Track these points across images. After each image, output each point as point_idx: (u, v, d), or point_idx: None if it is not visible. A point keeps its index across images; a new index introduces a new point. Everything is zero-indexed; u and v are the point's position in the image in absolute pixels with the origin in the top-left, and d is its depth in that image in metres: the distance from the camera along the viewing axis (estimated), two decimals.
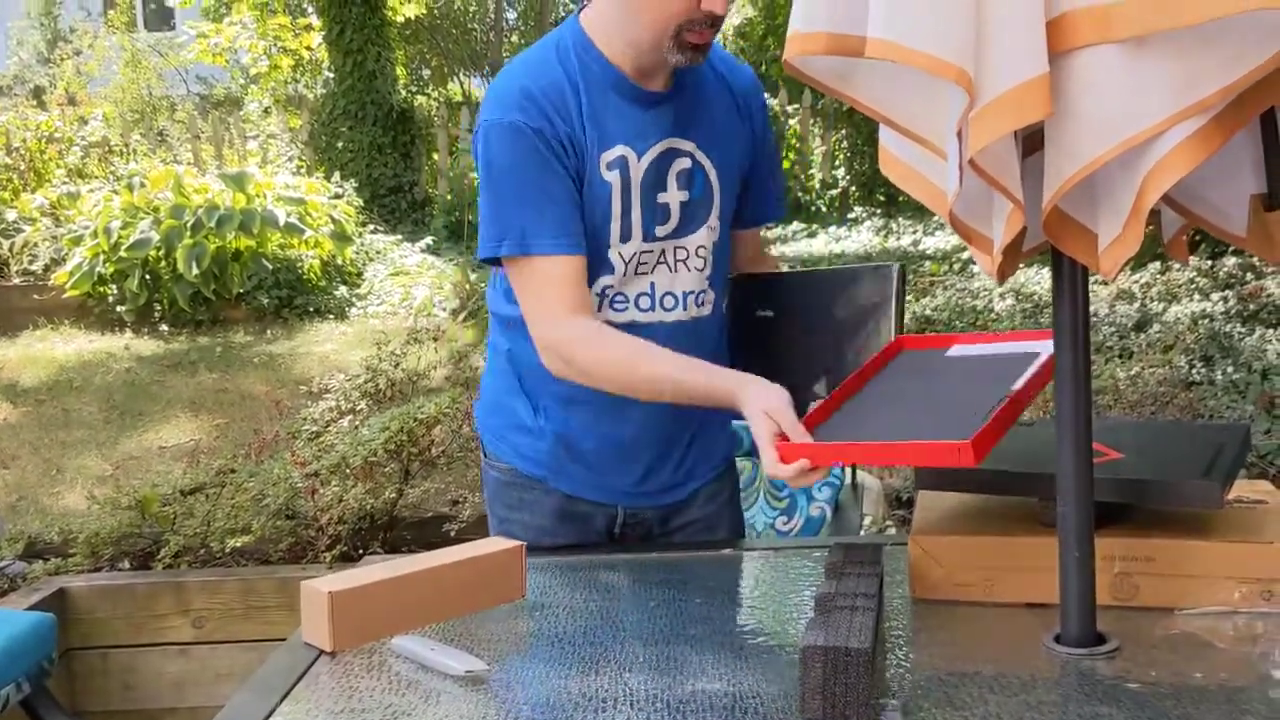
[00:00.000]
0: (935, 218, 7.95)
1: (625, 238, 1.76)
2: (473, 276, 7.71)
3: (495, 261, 1.78)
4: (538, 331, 1.74)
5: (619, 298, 1.80)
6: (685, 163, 1.79)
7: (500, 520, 1.94)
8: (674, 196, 1.78)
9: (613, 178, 1.74)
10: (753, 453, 3.15)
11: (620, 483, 1.89)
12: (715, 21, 1.65)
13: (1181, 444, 1.65)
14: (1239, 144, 1.24)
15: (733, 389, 1.62)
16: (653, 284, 1.80)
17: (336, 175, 8.99)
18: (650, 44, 1.68)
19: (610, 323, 1.78)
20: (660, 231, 1.79)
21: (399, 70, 11.19)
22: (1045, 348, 1.57)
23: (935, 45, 1.08)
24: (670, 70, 1.75)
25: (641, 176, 1.75)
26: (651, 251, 1.79)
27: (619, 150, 1.74)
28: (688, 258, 1.82)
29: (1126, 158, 1.10)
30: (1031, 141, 1.24)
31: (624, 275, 1.78)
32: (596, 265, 1.76)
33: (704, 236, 1.82)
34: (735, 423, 1.99)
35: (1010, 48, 1.08)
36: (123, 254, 7.12)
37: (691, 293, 1.83)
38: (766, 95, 1.87)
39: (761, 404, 1.55)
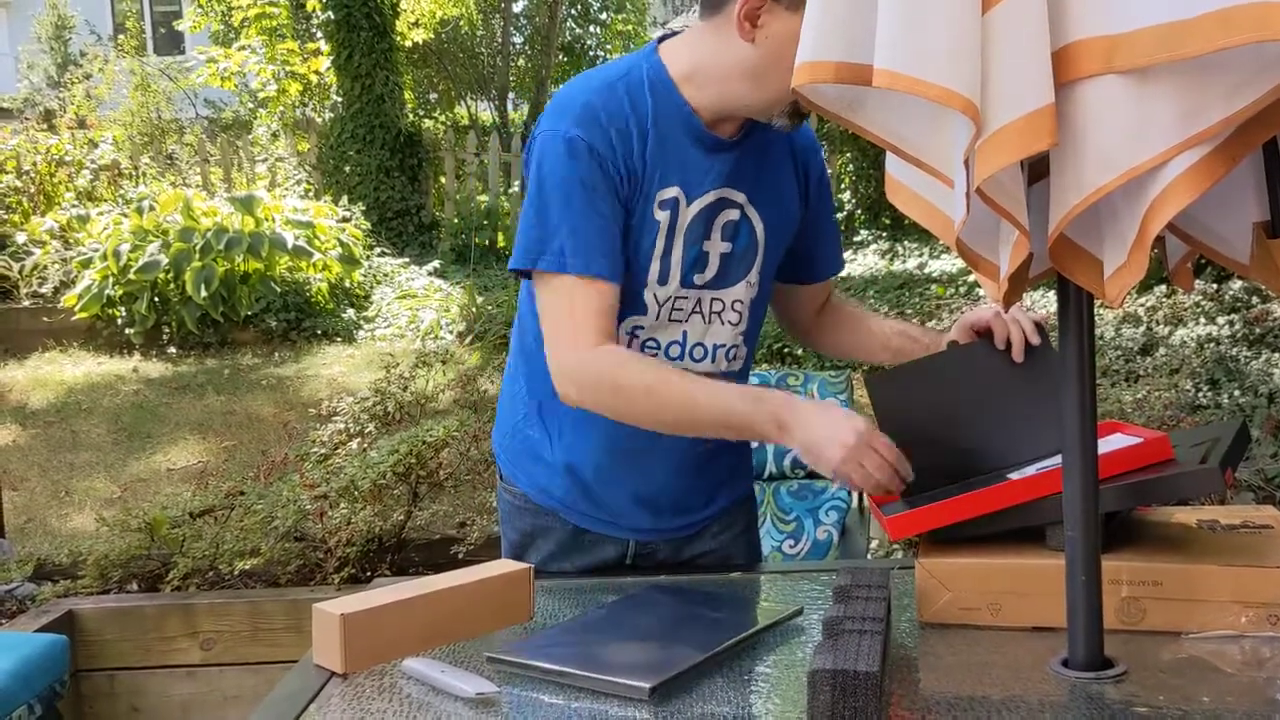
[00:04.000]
0: (941, 240, 7.90)
1: (663, 280, 1.72)
2: (479, 299, 7.74)
3: (526, 274, 1.72)
4: (556, 355, 1.65)
5: (651, 342, 1.75)
6: (733, 214, 1.74)
7: (511, 543, 1.94)
8: (716, 246, 1.74)
9: (663, 217, 1.69)
10: (762, 475, 3.17)
11: (634, 522, 1.87)
12: None
13: (1180, 446, 1.64)
14: (1242, 172, 1.26)
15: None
16: (685, 333, 1.76)
17: (344, 198, 9.05)
18: (763, 107, 1.66)
19: None
20: (698, 280, 1.74)
21: (406, 94, 11.25)
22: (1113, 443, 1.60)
23: (941, 75, 1.09)
24: (743, 120, 1.72)
25: (689, 221, 1.70)
26: (687, 299, 1.74)
27: (673, 190, 1.69)
28: (723, 310, 1.77)
29: (1131, 187, 1.11)
30: (1038, 168, 1.25)
31: (656, 319, 1.74)
32: (629, 303, 1.72)
33: (742, 291, 1.78)
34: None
35: (1016, 78, 1.09)
36: (132, 276, 7.17)
37: (723, 346, 1.79)
38: None
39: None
